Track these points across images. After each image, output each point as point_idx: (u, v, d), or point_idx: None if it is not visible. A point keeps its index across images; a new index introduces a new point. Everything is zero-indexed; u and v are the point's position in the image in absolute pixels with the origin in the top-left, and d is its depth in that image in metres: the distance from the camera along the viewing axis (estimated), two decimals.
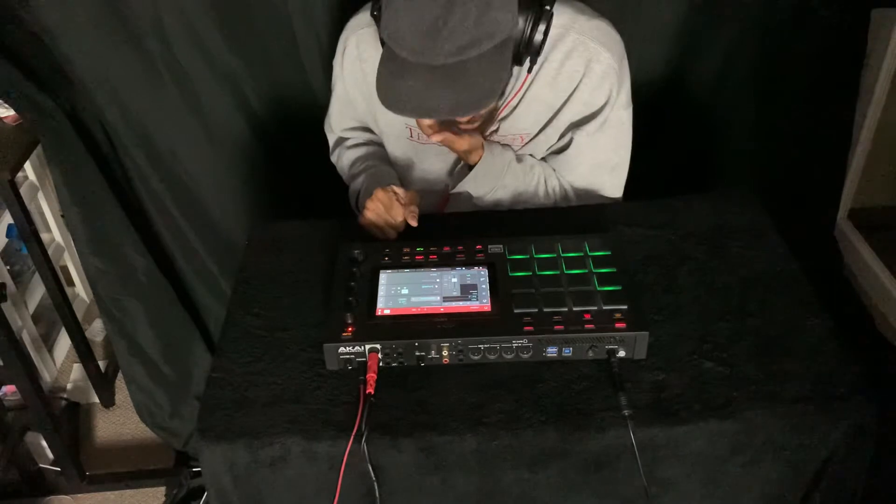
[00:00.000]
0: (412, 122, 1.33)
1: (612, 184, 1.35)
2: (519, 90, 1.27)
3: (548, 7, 1.11)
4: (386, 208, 1.20)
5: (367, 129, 1.45)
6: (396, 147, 1.40)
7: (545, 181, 1.34)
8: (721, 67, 1.66)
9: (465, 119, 1.22)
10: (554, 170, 1.35)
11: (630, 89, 1.30)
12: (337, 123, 1.46)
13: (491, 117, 1.30)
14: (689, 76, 1.69)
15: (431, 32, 1.01)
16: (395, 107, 1.09)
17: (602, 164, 1.33)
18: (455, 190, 1.34)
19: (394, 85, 1.08)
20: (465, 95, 1.06)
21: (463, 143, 1.24)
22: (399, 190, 1.21)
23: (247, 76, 1.58)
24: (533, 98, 1.28)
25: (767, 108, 1.70)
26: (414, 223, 1.19)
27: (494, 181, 1.31)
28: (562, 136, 1.32)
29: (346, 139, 1.46)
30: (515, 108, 1.30)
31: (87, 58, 1.44)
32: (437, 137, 1.22)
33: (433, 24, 1.01)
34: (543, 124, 1.31)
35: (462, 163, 1.34)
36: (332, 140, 1.49)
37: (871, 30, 1.66)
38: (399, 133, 1.37)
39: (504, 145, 1.32)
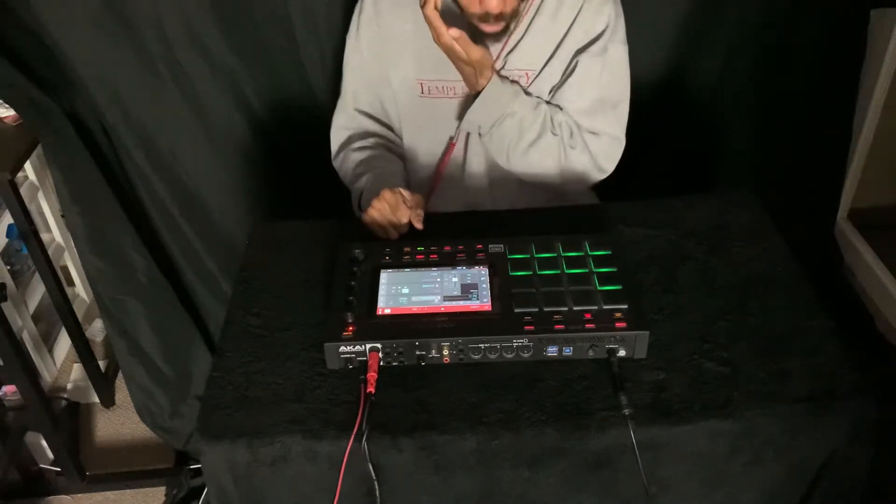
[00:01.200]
0: (424, 73, 1.34)
1: (615, 120, 1.34)
2: (522, 20, 1.29)
3: None
4: (392, 209, 1.20)
5: (377, 120, 1.43)
6: (407, 105, 1.39)
7: (551, 117, 1.32)
8: (721, 67, 1.67)
9: (495, 12, 1.21)
10: (560, 109, 1.34)
11: (625, 29, 1.32)
12: (352, 102, 1.42)
13: (511, 20, 1.27)
14: (689, 76, 1.69)
15: None
16: None
17: (605, 98, 1.32)
18: (464, 122, 1.32)
19: None
20: None
21: (475, 51, 1.23)
22: (406, 192, 1.22)
23: (247, 76, 1.58)
24: (537, 31, 1.30)
25: (767, 108, 1.71)
26: (419, 226, 1.20)
27: (503, 108, 1.29)
28: (566, 68, 1.33)
29: (352, 143, 1.44)
30: (520, 41, 1.30)
31: (87, 58, 1.45)
32: (454, 32, 1.21)
33: None
34: (548, 57, 1.32)
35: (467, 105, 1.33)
36: (337, 141, 1.45)
37: (871, 30, 1.66)
38: (411, 88, 1.36)
39: (513, 81, 1.32)
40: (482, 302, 1.02)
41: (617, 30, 1.31)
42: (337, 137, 1.45)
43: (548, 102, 1.34)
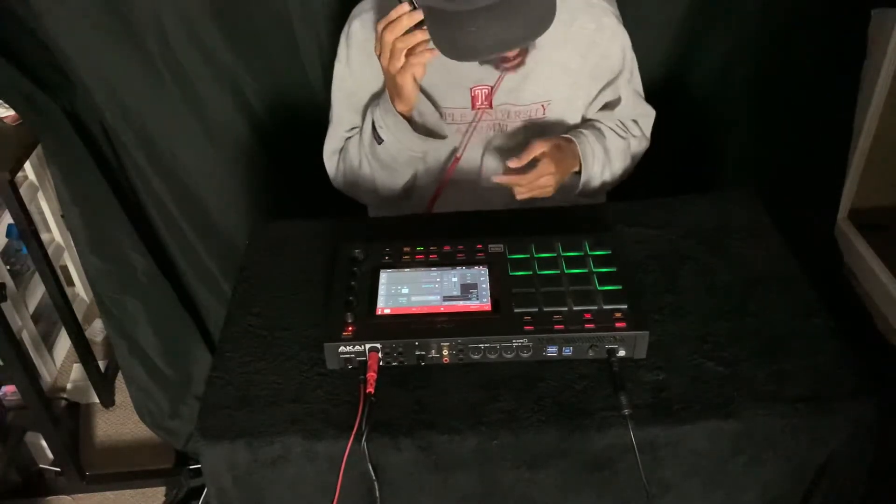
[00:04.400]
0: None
1: (643, 98, 1.46)
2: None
3: None
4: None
5: None
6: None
7: (611, 128, 1.39)
8: (721, 67, 1.66)
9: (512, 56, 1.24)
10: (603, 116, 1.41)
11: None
12: (344, 128, 1.41)
13: (524, 54, 1.29)
14: (689, 76, 1.69)
15: None
16: (471, 53, 1.11)
17: (637, 90, 1.44)
18: (584, 188, 1.37)
19: (462, 36, 1.09)
20: (531, 18, 1.10)
21: (551, 179, 1.28)
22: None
23: (247, 76, 1.58)
24: (545, 62, 1.30)
25: (767, 107, 1.70)
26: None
27: (602, 160, 1.35)
28: (597, 96, 1.39)
29: (347, 140, 1.44)
30: (527, 75, 1.31)
31: (87, 58, 1.44)
32: (525, 195, 1.28)
33: None
34: (566, 88, 1.35)
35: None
36: (333, 165, 1.44)
37: (871, 30, 1.66)
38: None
39: (566, 138, 1.34)
40: (482, 302, 1.02)
41: (626, 37, 1.36)
42: (331, 162, 1.44)
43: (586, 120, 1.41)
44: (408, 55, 1.15)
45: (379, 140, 1.28)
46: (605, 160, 1.36)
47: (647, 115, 1.47)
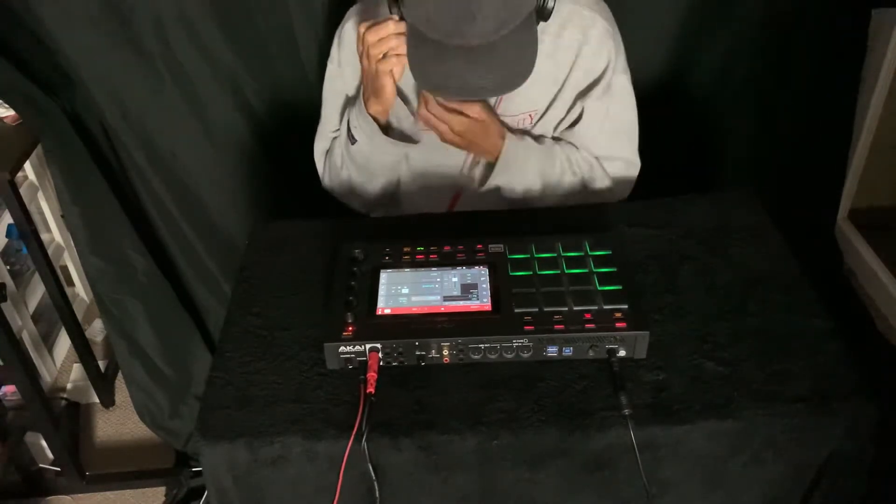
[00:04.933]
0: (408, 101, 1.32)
1: (631, 148, 1.37)
2: None
3: None
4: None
5: None
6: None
7: (568, 157, 1.33)
8: (721, 67, 1.67)
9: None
10: (575, 147, 1.35)
11: (626, 56, 1.32)
12: (332, 128, 1.40)
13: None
14: (689, 76, 1.69)
15: (465, 14, 1.01)
16: (439, 88, 1.10)
17: (618, 129, 1.34)
18: (486, 187, 1.32)
19: (433, 68, 1.08)
20: (505, 72, 1.07)
21: (457, 127, 1.23)
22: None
23: (247, 76, 1.58)
24: (535, 73, 1.28)
25: (767, 107, 1.71)
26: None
27: (522, 166, 1.30)
28: (570, 109, 1.33)
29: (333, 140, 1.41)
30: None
31: (87, 58, 1.45)
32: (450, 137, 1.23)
33: (465, 5, 1.01)
34: (551, 99, 1.31)
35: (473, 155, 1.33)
36: (321, 163, 1.43)
37: (871, 30, 1.66)
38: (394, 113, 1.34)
39: (520, 130, 1.31)
40: (482, 302, 1.02)
41: (618, 61, 1.30)
42: (321, 162, 1.44)
43: (556, 139, 1.35)
44: (385, 58, 1.15)
45: (353, 140, 1.29)
46: (534, 178, 1.32)
47: (619, 157, 1.36)
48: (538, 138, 1.34)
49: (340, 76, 1.36)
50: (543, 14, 1.12)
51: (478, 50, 1.04)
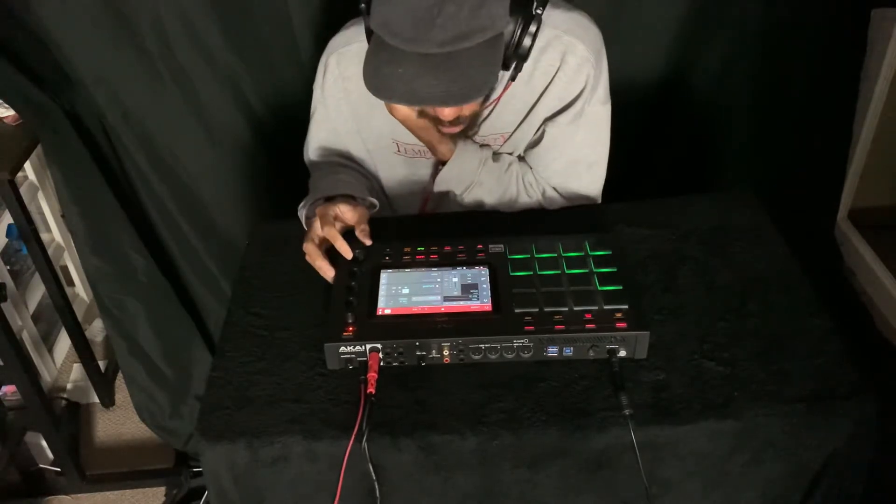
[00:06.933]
0: (398, 135, 1.30)
1: (590, 181, 1.32)
2: (501, 94, 1.25)
3: (538, 11, 1.09)
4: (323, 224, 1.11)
5: (346, 158, 1.39)
6: (383, 163, 1.37)
7: (521, 178, 1.30)
8: (721, 68, 1.66)
9: (448, 119, 1.18)
10: (531, 168, 1.32)
11: (608, 85, 1.28)
12: (315, 151, 1.38)
13: (472, 123, 1.26)
14: (689, 76, 1.69)
15: (425, 20, 1.00)
16: (383, 92, 1.07)
17: (579, 160, 1.30)
18: (435, 189, 1.31)
19: (383, 72, 1.06)
20: (455, 87, 1.04)
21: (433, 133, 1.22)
22: (345, 208, 1.15)
23: (247, 76, 1.58)
24: (510, 96, 1.26)
25: (767, 108, 1.70)
26: (367, 241, 1.12)
27: (470, 178, 1.28)
28: (537, 131, 1.30)
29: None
30: (493, 108, 1.28)
31: (87, 58, 1.45)
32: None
33: (427, 13, 1.00)
34: (520, 121, 1.29)
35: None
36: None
37: (871, 30, 1.66)
38: (385, 147, 1.34)
39: (483, 145, 1.30)
40: (482, 302, 1.02)
41: (597, 89, 1.25)
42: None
43: (521, 158, 1.33)
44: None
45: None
46: (472, 188, 1.30)
47: (574, 195, 1.31)
48: (499, 154, 1.32)
49: (323, 105, 1.33)
50: (517, 53, 1.10)
51: (434, 59, 1.02)
